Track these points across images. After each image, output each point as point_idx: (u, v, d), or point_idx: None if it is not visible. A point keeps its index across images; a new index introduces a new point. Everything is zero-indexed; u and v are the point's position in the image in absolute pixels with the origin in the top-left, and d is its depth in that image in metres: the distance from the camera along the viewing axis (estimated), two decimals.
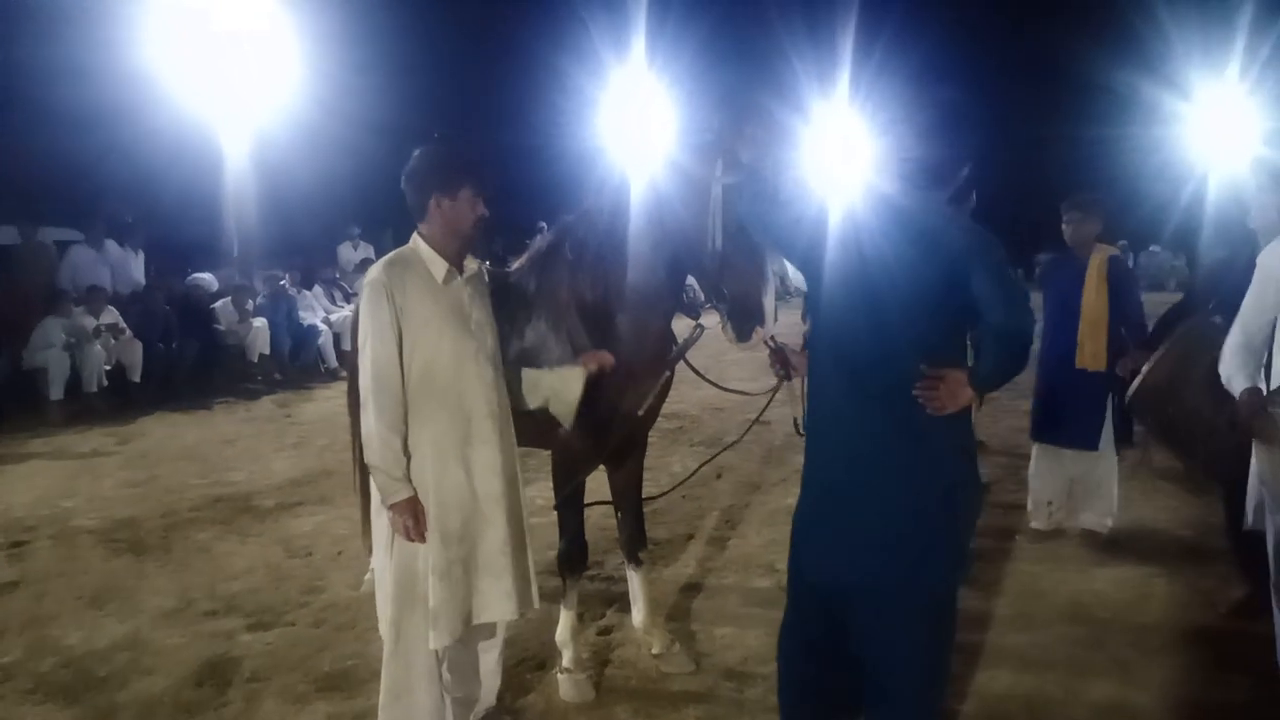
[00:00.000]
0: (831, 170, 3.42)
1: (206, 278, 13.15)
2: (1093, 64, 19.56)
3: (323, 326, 12.89)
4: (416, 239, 3.17)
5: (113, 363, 10.32)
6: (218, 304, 12.06)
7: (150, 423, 9.71)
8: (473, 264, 3.24)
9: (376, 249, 14.55)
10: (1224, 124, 16.11)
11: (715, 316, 3.38)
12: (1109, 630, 4.19)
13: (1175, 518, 5.65)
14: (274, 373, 12.05)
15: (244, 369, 11.90)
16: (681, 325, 3.76)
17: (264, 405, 10.82)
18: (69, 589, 5.00)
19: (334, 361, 12.52)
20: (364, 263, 13.58)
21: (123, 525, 6.09)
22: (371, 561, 3.64)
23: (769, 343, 3.23)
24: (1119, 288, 5.14)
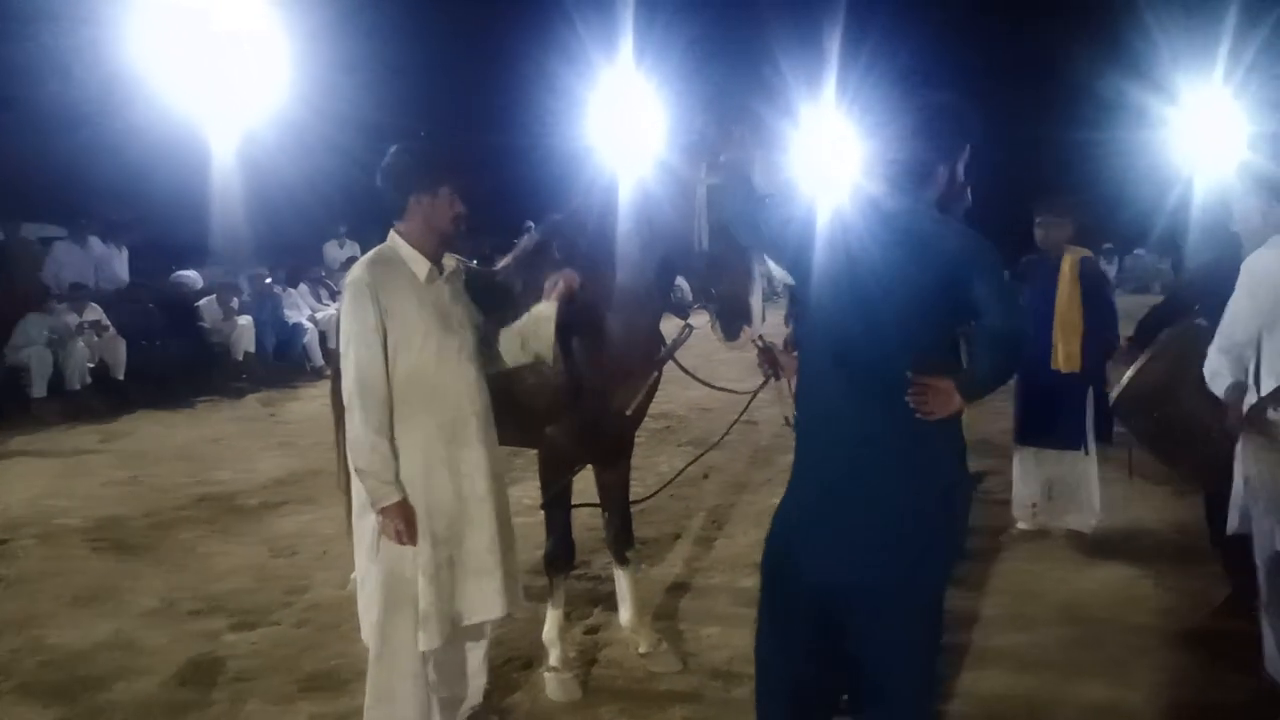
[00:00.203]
0: (820, 172, 3.43)
1: (191, 275, 13.05)
2: (1079, 67, 19.67)
3: (308, 325, 12.82)
4: (395, 237, 3.13)
5: (96, 360, 10.25)
6: (202, 302, 11.99)
7: (135, 421, 9.66)
8: (450, 261, 3.21)
9: (363, 247, 14.35)
10: (1210, 127, 16.20)
11: (704, 316, 3.38)
12: (1101, 631, 4.19)
13: (1165, 519, 5.68)
14: (259, 371, 11.97)
15: (229, 367, 11.83)
16: (671, 325, 3.76)
17: (249, 404, 10.78)
18: (54, 588, 4.97)
19: (320, 360, 12.46)
20: (350, 261, 13.45)
21: (108, 524, 6.06)
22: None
23: (757, 342, 3.24)
24: (1091, 290, 5.17)
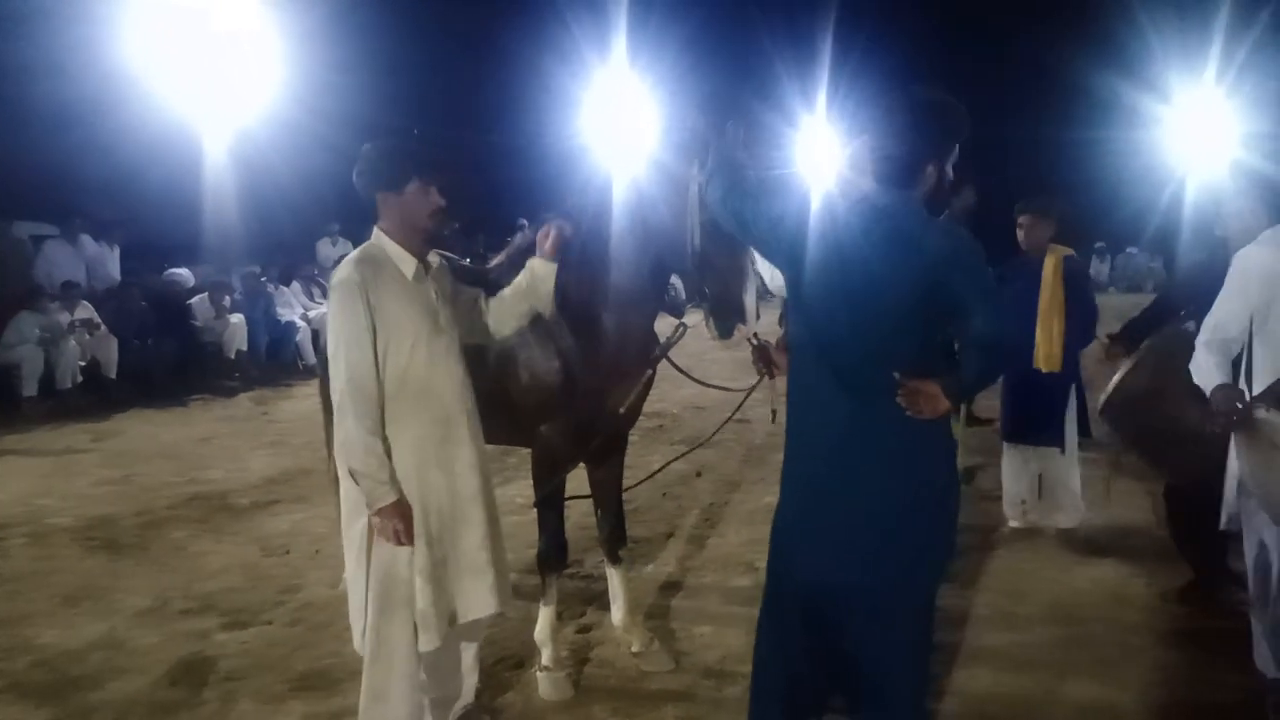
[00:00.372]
0: (811, 168, 3.43)
1: (183, 273, 12.99)
2: (1072, 67, 19.67)
3: (301, 323, 12.78)
4: (380, 235, 3.11)
5: (88, 359, 10.22)
6: (194, 300, 11.96)
7: (126, 420, 9.63)
8: (435, 258, 3.18)
9: (355, 246, 14.35)
10: (1203, 127, 16.23)
11: (698, 315, 3.38)
12: (1092, 630, 4.20)
13: (1155, 517, 5.67)
14: (251, 370, 11.94)
15: (221, 366, 11.79)
16: (666, 325, 3.75)
17: (241, 403, 10.75)
18: (44, 588, 4.95)
19: (312, 358, 12.35)
20: (342, 259, 13.48)
21: (98, 523, 6.04)
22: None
23: (751, 340, 3.24)
24: (1072, 288, 5.18)
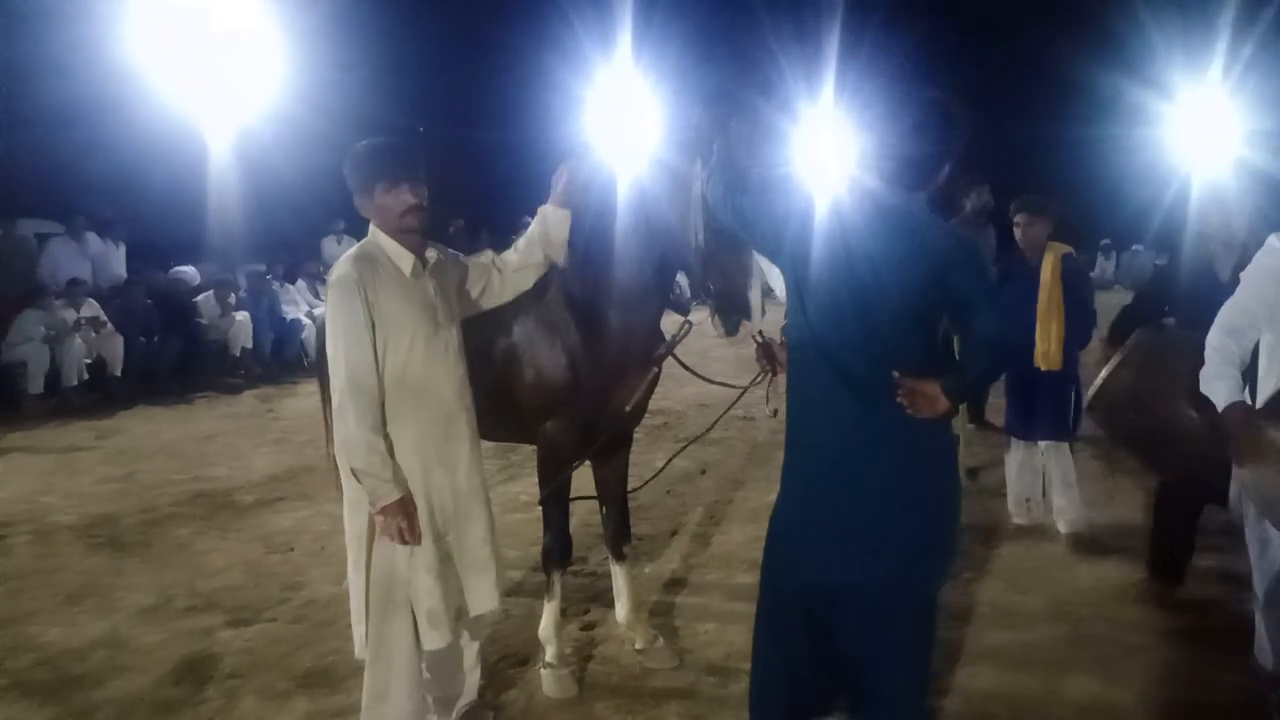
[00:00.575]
0: (817, 167, 3.42)
1: (188, 271, 12.98)
2: (1077, 65, 19.63)
3: (306, 320, 12.75)
4: (375, 232, 3.10)
5: (93, 356, 10.22)
6: (199, 298, 11.95)
7: (130, 418, 9.64)
8: (432, 253, 3.15)
9: None
10: (1207, 125, 16.18)
11: (703, 312, 3.37)
12: (1093, 628, 4.19)
13: None
14: (256, 367, 11.95)
15: (226, 363, 11.79)
16: (671, 322, 3.74)
17: (246, 400, 10.75)
18: (47, 586, 4.95)
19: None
20: None
21: (102, 521, 6.04)
22: None
23: (757, 338, 3.23)
24: (1071, 286, 5.15)
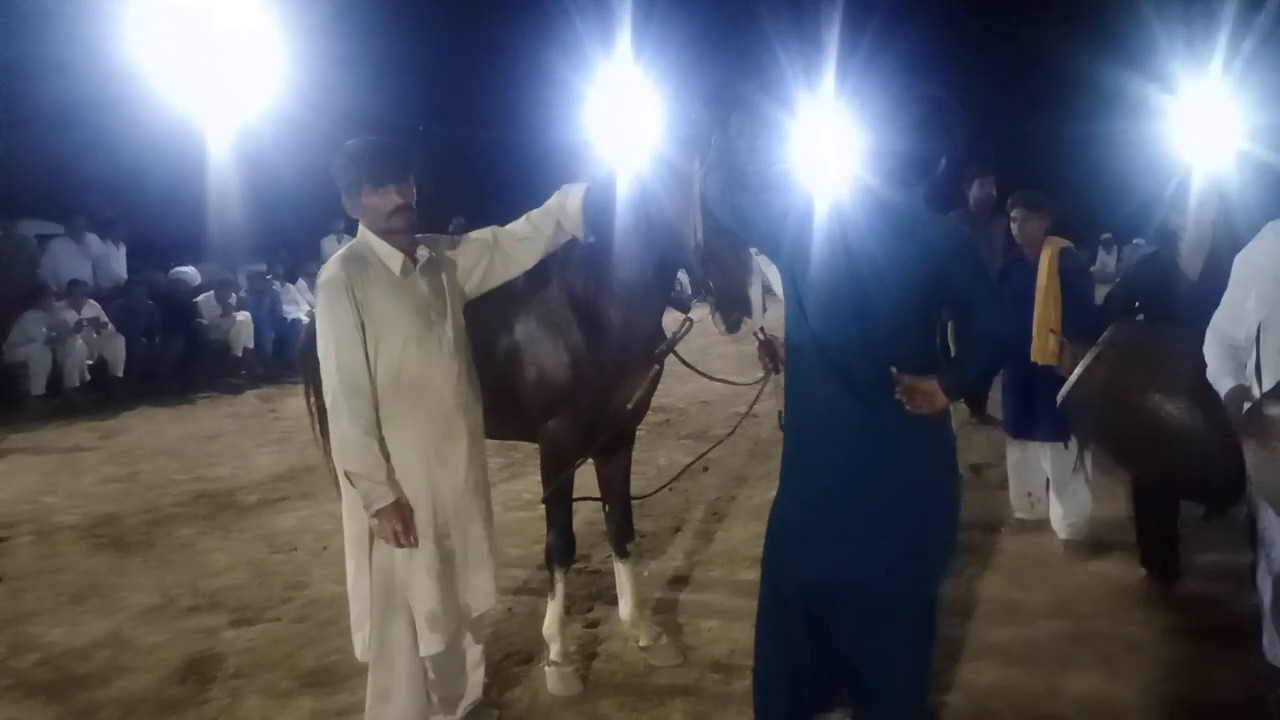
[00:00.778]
0: (816, 165, 3.41)
1: (189, 271, 12.99)
2: (1079, 60, 19.64)
3: (306, 320, 12.70)
4: (365, 232, 3.10)
5: (95, 357, 10.22)
6: (200, 298, 11.93)
7: (132, 418, 9.64)
8: (424, 251, 3.14)
9: None
10: (1210, 119, 16.16)
11: (704, 309, 3.36)
12: (1094, 625, 4.18)
13: None
14: (257, 367, 11.93)
15: (227, 363, 11.78)
16: (672, 320, 3.73)
17: (247, 400, 10.75)
18: (50, 586, 4.95)
19: None
20: None
21: (104, 521, 6.04)
22: None
23: (758, 335, 3.23)
24: (1068, 281, 5.08)
